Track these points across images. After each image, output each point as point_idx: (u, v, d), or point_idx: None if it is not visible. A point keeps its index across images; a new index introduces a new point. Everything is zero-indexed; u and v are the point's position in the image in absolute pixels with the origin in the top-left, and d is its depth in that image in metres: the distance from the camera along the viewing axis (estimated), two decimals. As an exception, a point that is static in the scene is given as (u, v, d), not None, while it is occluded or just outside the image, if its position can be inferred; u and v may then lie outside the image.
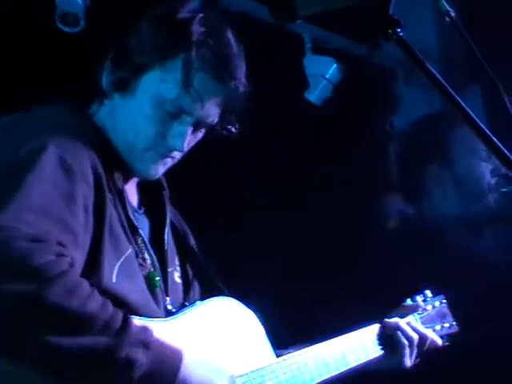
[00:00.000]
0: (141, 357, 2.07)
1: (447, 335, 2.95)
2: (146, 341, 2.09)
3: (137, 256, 2.37)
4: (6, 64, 3.31)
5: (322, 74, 4.16)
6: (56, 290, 1.98)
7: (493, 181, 3.52)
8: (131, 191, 2.49)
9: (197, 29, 2.34)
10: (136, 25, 2.42)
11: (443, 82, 1.86)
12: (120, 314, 2.08)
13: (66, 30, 3.39)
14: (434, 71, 1.86)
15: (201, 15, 2.37)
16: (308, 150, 4.13)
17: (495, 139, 1.80)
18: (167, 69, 2.35)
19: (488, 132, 1.80)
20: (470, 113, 1.82)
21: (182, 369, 2.16)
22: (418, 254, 3.39)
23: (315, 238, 3.99)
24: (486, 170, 3.52)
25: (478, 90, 3.17)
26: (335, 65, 4.19)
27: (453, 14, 1.98)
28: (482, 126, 1.82)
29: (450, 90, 1.85)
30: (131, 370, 2.05)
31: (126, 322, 2.08)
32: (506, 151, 1.80)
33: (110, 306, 2.09)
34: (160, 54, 2.34)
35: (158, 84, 2.36)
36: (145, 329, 2.12)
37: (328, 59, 4.20)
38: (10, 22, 3.38)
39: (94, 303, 2.04)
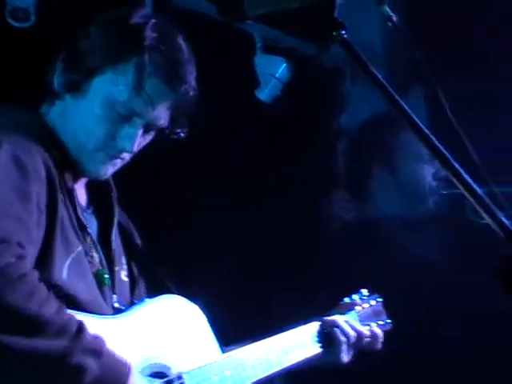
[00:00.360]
0: (92, 364, 2.06)
1: (383, 331, 2.98)
2: (98, 349, 2.10)
3: (86, 254, 2.37)
4: None
5: (272, 72, 4.18)
6: (15, 292, 1.99)
7: (434, 183, 3.55)
8: (80, 191, 2.49)
9: (149, 34, 2.35)
10: (89, 27, 2.41)
11: (386, 84, 1.87)
12: (75, 320, 2.09)
13: (16, 25, 3.34)
14: (377, 73, 1.87)
15: (153, 21, 2.39)
16: (259, 148, 4.15)
17: (436, 142, 1.80)
18: (119, 72, 2.36)
19: (429, 135, 1.81)
20: (412, 116, 1.83)
21: (130, 378, 2.16)
22: (364, 252, 3.43)
23: (268, 236, 4.02)
24: (428, 172, 3.56)
25: (420, 93, 3.18)
26: (285, 64, 4.21)
27: (395, 19, 1.99)
28: (424, 129, 1.82)
29: (393, 92, 1.86)
30: (82, 376, 2.05)
31: (81, 328, 2.08)
32: (446, 154, 1.79)
33: (66, 312, 2.10)
34: (112, 58, 2.35)
35: (110, 86, 2.37)
36: (98, 338, 2.12)
37: (278, 58, 4.22)
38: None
39: (51, 308, 2.05)
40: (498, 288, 1.63)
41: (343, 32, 1.90)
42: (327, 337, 2.81)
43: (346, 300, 2.98)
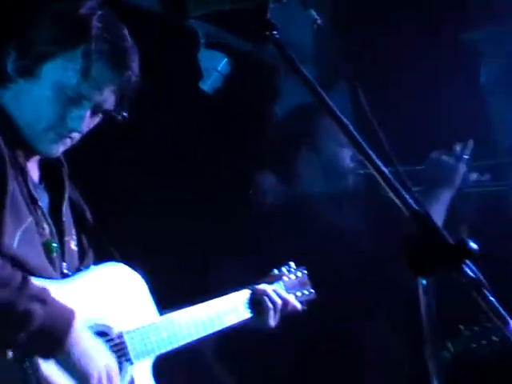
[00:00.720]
0: (38, 310, 2.09)
1: (306, 301, 3.03)
2: (43, 297, 2.12)
3: (37, 225, 2.36)
4: None
5: (214, 66, 4.14)
6: None
7: (351, 164, 3.60)
8: (33, 168, 2.48)
9: (95, 24, 2.35)
10: (38, 16, 2.41)
11: (311, 79, 1.90)
12: (19, 273, 2.12)
13: None
14: (303, 69, 1.90)
15: (100, 13, 2.40)
16: (200, 133, 4.17)
17: (352, 129, 1.83)
18: (68, 58, 2.35)
19: (346, 123, 1.84)
20: (333, 107, 1.86)
21: (74, 323, 2.18)
22: (293, 225, 3.45)
23: (206, 210, 4.02)
24: (347, 155, 3.60)
25: (345, 88, 3.22)
26: (226, 59, 4.17)
27: (319, 22, 2.02)
28: (342, 118, 1.85)
29: (317, 86, 1.89)
30: (29, 321, 2.08)
31: (25, 279, 2.11)
32: (359, 139, 1.83)
33: (9, 267, 2.13)
34: (62, 45, 2.35)
35: (60, 72, 2.36)
36: (43, 288, 2.15)
37: (219, 54, 4.19)
38: None
39: None
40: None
41: (275, 32, 1.94)
42: (256, 303, 2.84)
43: (275, 271, 3.01)
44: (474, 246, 1.61)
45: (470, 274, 1.61)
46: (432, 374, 1.66)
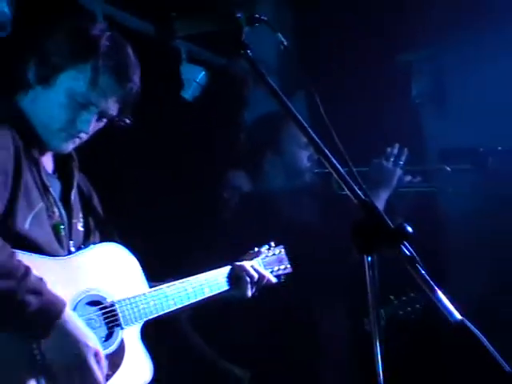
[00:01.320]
0: (33, 301, 2.06)
1: (283, 275, 3.00)
2: (39, 289, 2.09)
3: (47, 209, 2.34)
4: None
5: (194, 78, 4.19)
6: None
7: (308, 164, 3.59)
8: (47, 161, 2.46)
9: (104, 43, 2.35)
10: (55, 32, 2.40)
11: (277, 89, 1.91)
12: (23, 265, 2.09)
13: None
14: (271, 81, 1.92)
15: (108, 34, 2.39)
16: (180, 136, 4.14)
17: (313, 134, 1.84)
18: (80, 70, 2.34)
19: (308, 128, 1.85)
20: (296, 113, 1.87)
21: (65, 311, 2.15)
22: (258, 216, 3.41)
23: (185, 203, 3.99)
24: (305, 156, 3.58)
25: (303, 97, 3.23)
26: (203, 72, 4.22)
27: (285, 43, 2.01)
28: (304, 123, 1.86)
29: (282, 95, 1.91)
30: (24, 310, 2.05)
31: (27, 272, 2.07)
32: (319, 142, 1.83)
33: (16, 258, 2.09)
34: (75, 59, 2.34)
35: (72, 81, 2.33)
36: (41, 279, 2.12)
37: (198, 67, 4.23)
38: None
39: (3, 254, 2.05)
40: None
41: (248, 51, 1.95)
42: (235, 277, 2.82)
43: (255, 249, 2.98)
44: (410, 229, 1.64)
45: (407, 252, 1.63)
46: (374, 335, 1.68)
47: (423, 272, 1.62)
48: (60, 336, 2.14)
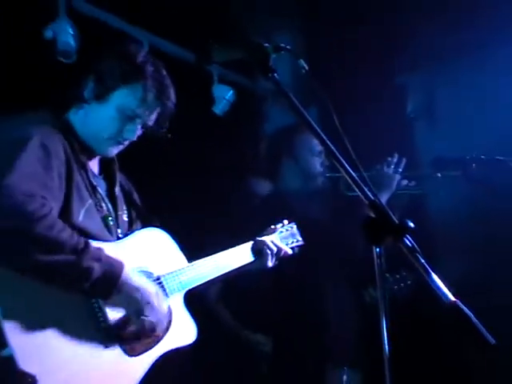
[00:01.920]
0: (96, 266, 2.09)
1: (297, 247, 2.98)
2: (99, 256, 2.12)
3: (96, 205, 2.36)
4: (21, 81, 3.20)
5: (223, 96, 4.24)
6: (41, 225, 1.99)
7: (320, 169, 3.54)
8: (94, 164, 2.49)
9: (149, 68, 2.39)
10: (109, 58, 2.42)
11: (299, 105, 1.89)
12: (82, 239, 2.11)
13: (65, 61, 3.33)
14: (294, 99, 1.89)
15: (151, 60, 2.43)
16: (212, 144, 4.15)
17: (328, 142, 1.82)
18: (131, 89, 2.36)
19: (326, 138, 1.83)
20: (315, 125, 1.85)
21: (124, 272, 2.17)
22: (276, 214, 3.31)
23: (210, 201, 4.01)
24: (317, 162, 3.53)
25: (315, 111, 3.19)
26: (232, 91, 4.27)
27: (306, 68, 2.00)
28: (321, 133, 1.84)
29: (303, 110, 1.88)
30: (90, 274, 2.07)
31: (87, 244, 2.10)
32: (335, 151, 1.80)
33: (76, 235, 2.11)
34: (127, 80, 2.37)
35: (124, 98, 2.36)
36: (98, 248, 2.15)
37: (227, 87, 4.28)
38: (26, 56, 3.26)
39: (66, 234, 2.07)
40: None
41: (275, 74, 1.95)
42: (258, 250, 2.81)
43: (272, 226, 2.96)
44: (411, 224, 1.64)
45: (408, 243, 1.63)
46: (381, 310, 1.67)
47: (422, 260, 1.61)
48: (125, 290, 2.17)
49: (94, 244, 2.16)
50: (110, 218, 2.42)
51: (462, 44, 4.17)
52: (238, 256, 2.75)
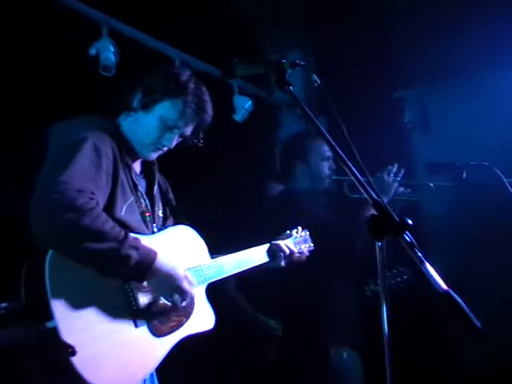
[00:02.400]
0: (133, 253, 2.10)
1: (308, 251, 2.98)
2: (136, 245, 2.13)
3: (136, 201, 2.38)
4: (71, 91, 3.25)
5: (243, 106, 4.24)
6: (87, 217, 2.02)
7: (328, 172, 3.52)
8: (137, 165, 2.50)
9: (191, 86, 2.41)
10: (155, 74, 2.45)
11: (311, 114, 1.91)
12: (123, 231, 2.12)
13: (105, 74, 3.38)
14: (307, 109, 1.93)
15: (194, 79, 2.44)
16: (232, 149, 4.13)
17: (338, 148, 1.83)
18: (173, 103, 2.38)
19: (335, 145, 1.84)
20: (326, 133, 1.87)
21: (157, 259, 2.18)
22: (289, 212, 3.37)
23: (229, 202, 4.00)
24: (326, 166, 3.51)
25: (324, 121, 3.19)
26: (250, 101, 4.26)
27: (318, 82, 2.03)
28: (331, 140, 1.85)
29: (315, 119, 1.89)
30: (128, 261, 2.09)
31: (126, 235, 2.12)
32: (344, 157, 1.81)
33: (117, 227, 2.12)
34: (170, 95, 2.38)
35: (167, 110, 2.38)
36: (136, 238, 2.16)
37: (246, 98, 4.28)
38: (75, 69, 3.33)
39: (108, 225, 2.08)
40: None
41: (291, 87, 1.98)
42: (272, 252, 2.82)
43: (287, 232, 2.96)
44: (410, 222, 1.64)
45: (407, 238, 1.64)
46: (382, 300, 1.68)
47: (420, 254, 1.61)
48: (157, 276, 2.18)
49: (132, 235, 2.17)
50: (147, 214, 2.43)
51: (452, 64, 4.17)
52: (255, 256, 2.74)
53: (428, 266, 1.59)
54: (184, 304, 2.33)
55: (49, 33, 3.16)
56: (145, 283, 2.20)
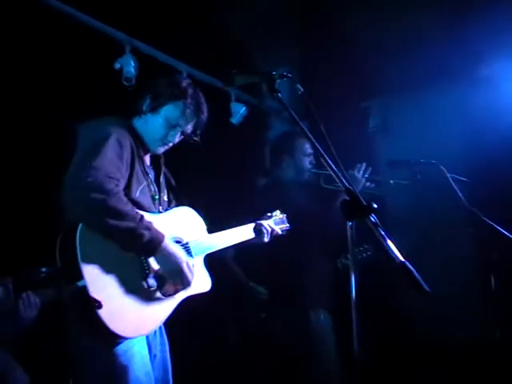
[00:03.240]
0: (146, 233, 2.10)
1: (285, 230, 2.95)
2: (149, 226, 2.12)
3: (148, 186, 2.35)
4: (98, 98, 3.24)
5: (238, 111, 4.20)
6: (113, 199, 2.02)
7: (309, 166, 3.46)
8: (147, 158, 2.46)
9: (190, 91, 2.39)
10: (161, 82, 2.41)
11: (297, 117, 1.88)
12: (140, 213, 2.12)
13: (127, 85, 3.37)
14: (293, 113, 1.90)
15: (192, 86, 2.42)
16: (227, 148, 4.09)
17: (318, 145, 1.82)
18: (175, 105, 2.36)
19: (315, 141, 1.83)
20: (308, 133, 1.84)
21: (164, 241, 2.16)
22: (275, 198, 3.32)
23: (226, 188, 3.96)
24: (307, 160, 3.46)
25: (307, 123, 3.14)
26: (244, 107, 4.23)
27: (302, 90, 2.00)
28: (313, 138, 1.83)
29: (300, 121, 1.87)
30: (141, 239, 2.08)
31: (142, 217, 2.11)
32: (322, 152, 1.78)
33: (135, 209, 2.13)
34: (173, 99, 2.36)
35: (171, 111, 2.35)
36: (150, 221, 2.14)
37: (241, 104, 4.24)
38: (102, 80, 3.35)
39: (128, 207, 2.09)
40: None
41: (279, 94, 1.96)
42: (258, 230, 2.79)
43: (269, 214, 2.93)
44: (375, 206, 1.63)
45: (373, 219, 1.62)
46: (351, 271, 1.66)
47: (382, 231, 1.60)
48: (164, 254, 2.17)
49: (146, 217, 2.16)
50: (156, 197, 2.40)
51: (408, 80, 4.16)
52: (244, 233, 2.72)
53: (389, 241, 1.57)
54: (184, 276, 2.27)
55: (84, 51, 3.24)
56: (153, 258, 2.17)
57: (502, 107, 3.88)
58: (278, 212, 2.98)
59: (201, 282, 2.42)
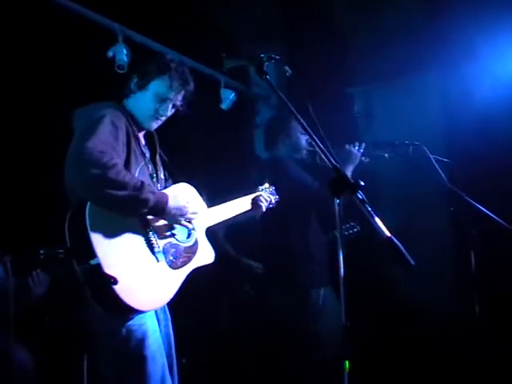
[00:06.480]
0: (151, 197, 2.07)
1: (276, 202, 2.87)
2: (152, 190, 2.10)
3: (145, 165, 2.30)
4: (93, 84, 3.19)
5: (228, 97, 4.15)
6: (112, 171, 1.98)
7: (305, 144, 3.36)
8: (141, 137, 2.40)
9: (173, 64, 2.32)
10: (147, 62, 2.35)
11: (285, 98, 1.85)
12: (140, 180, 2.08)
13: (120, 72, 3.30)
14: (282, 94, 1.87)
15: (175, 61, 2.36)
16: (219, 129, 4.06)
17: (306, 125, 1.78)
18: (162, 80, 2.29)
19: (303, 122, 1.79)
20: (296, 113, 1.82)
21: (170, 199, 2.16)
22: (273, 172, 3.19)
23: (217, 173, 3.84)
24: (303, 139, 3.36)
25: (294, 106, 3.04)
26: (234, 93, 4.18)
27: (289, 72, 1.97)
28: (301, 119, 1.79)
29: (288, 102, 1.84)
30: (147, 203, 2.06)
31: (143, 183, 2.07)
32: (310, 132, 1.77)
33: (135, 177, 2.10)
34: (159, 74, 2.30)
35: (158, 86, 2.29)
36: (150, 185, 2.15)
37: (230, 91, 4.20)
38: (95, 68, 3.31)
39: (128, 176, 2.04)
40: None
41: (268, 77, 1.91)
42: (254, 201, 2.75)
43: (261, 187, 2.86)
44: (362, 183, 1.62)
45: (360, 196, 1.61)
46: (339, 244, 1.62)
47: (369, 208, 1.58)
48: (172, 208, 2.18)
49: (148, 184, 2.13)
50: (154, 175, 2.36)
51: (390, 68, 4.15)
52: (242, 205, 2.70)
53: (376, 218, 1.55)
54: (190, 242, 2.29)
55: (78, 40, 3.23)
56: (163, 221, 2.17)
57: (475, 89, 3.86)
58: (266, 184, 2.93)
59: (205, 253, 2.39)
